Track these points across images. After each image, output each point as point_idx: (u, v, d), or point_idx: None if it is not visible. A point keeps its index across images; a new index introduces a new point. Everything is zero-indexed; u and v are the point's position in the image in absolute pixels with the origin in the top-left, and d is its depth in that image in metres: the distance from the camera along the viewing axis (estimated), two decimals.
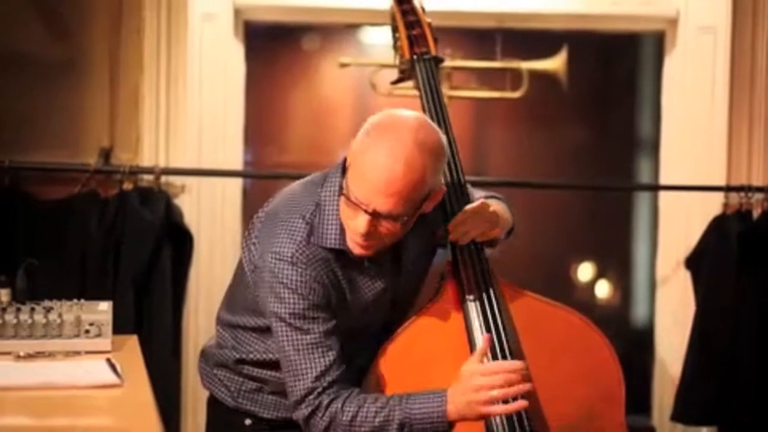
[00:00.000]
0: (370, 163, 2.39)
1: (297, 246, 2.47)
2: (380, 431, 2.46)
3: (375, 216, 2.42)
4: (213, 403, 2.79)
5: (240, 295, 2.66)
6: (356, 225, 2.44)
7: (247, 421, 2.71)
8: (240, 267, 2.66)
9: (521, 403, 2.48)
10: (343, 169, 2.51)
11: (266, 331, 2.58)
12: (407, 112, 2.52)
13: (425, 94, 2.92)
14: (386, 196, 2.39)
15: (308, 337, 2.47)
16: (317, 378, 2.47)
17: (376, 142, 2.40)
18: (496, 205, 2.79)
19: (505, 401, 2.47)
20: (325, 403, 2.47)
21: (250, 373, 2.68)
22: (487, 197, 2.87)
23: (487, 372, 2.48)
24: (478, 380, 2.47)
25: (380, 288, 2.60)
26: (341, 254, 2.52)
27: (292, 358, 2.48)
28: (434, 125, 2.51)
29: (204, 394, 2.87)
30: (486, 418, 2.52)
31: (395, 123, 2.43)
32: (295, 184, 2.65)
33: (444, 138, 2.50)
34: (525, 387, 2.49)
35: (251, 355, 2.65)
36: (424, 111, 2.86)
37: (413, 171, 2.39)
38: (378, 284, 2.60)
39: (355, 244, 2.50)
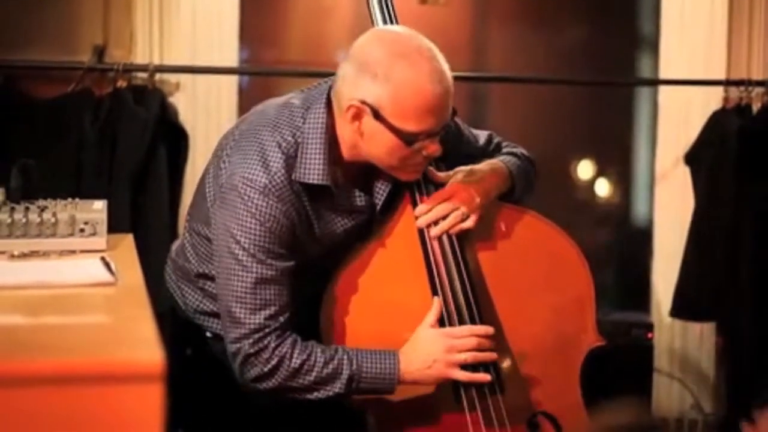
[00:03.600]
0: (427, 92, 2.33)
1: (271, 177, 2.38)
2: (326, 382, 2.42)
3: (440, 133, 2.41)
4: (174, 312, 2.73)
5: (200, 204, 2.59)
6: (430, 153, 2.41)
7: (208, 334, 2.66)
8: (204, 177, 2.58)
9: (486, 376, 2.46)
10: (328, 103, 2.45)
11: None
12: (393, 28, 2.52)
13: None
14: (450, 104, 2.40)
15: (269, 272, 2.39)
16: (271, 317, 2.40)
17: (412, 71, 2.33)
18: (494, 168, 2.65)
19: (473, 367, 2.46)
20: (272, 345, 2.40)
21: (210, 291, 2.60)
22: (498, 145, 2.80)
23: (459, 334, 2.45)
24: (449, 341, 2.44)
25: (351, 225, 2.53)
26: (316, 189, 2.44)
27: (249, 289, 2.40)
28: None
29: None
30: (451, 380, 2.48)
31: (406, 44, 2.37)
32: (273, 106, 2.53)
33: None
34: (494, 356, 2.47)
35: (211, 270, 2.56)
36: (369, 10, 2.70)
37: (449, 71, 2.39)
38: (348, 221, 2.53)
39: (414, 173, 2.49)
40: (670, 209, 4.41)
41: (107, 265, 2.29)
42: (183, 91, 4.14)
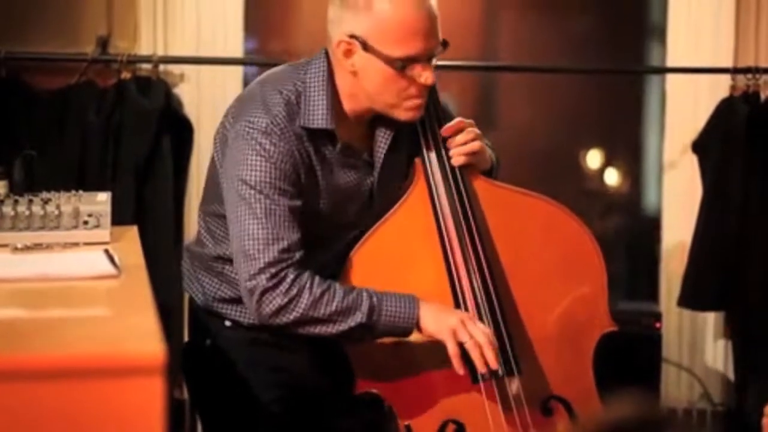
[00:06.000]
0: (409, 16, 2.39)
1: (272, 118, 2.44)
2: (347, 313, 2.43)
3: (431, 60, 2.44)
4: (192, 303, 2.75)
5: (210, 186, 2.62)
6: (425, 80, 2.43)
7: (227, 323, 2.66)
8: (213, 158, 2.62)
9: (460, 368, 2.44)
10: (327, 55, 2.51)
11: None
12: None
13: None
14: (436, 29, 2.44)
15: (278, 207, 2.42)
16: (285, 250, 2.41)
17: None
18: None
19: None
20: (290, 276, 2.40)
21: (228, 275, 2.60)
22: None
23: (479, 326, 2.44)
24: (468, 320, 2.44)
25: (353, 179, 2.56)
26: (318, 136, 2.49)
27: (262, 223, 2.41)
28: None
29: None
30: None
31: None
32: (278, 68, 2.62)
33: None
34: (492, 358, 2.43)
35: (228, 251, 2.56)
36: None
37: None
38: (351, 176, 2.56)
39: (414, 110, 2.50)
40: (679, 198, 4.40)
41: (111, 258, 2.28)
42: (187, 82, 4.13)
